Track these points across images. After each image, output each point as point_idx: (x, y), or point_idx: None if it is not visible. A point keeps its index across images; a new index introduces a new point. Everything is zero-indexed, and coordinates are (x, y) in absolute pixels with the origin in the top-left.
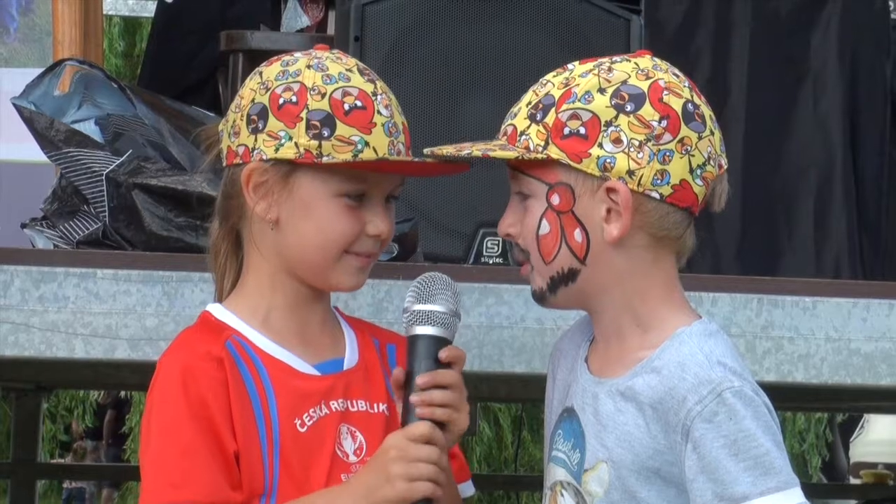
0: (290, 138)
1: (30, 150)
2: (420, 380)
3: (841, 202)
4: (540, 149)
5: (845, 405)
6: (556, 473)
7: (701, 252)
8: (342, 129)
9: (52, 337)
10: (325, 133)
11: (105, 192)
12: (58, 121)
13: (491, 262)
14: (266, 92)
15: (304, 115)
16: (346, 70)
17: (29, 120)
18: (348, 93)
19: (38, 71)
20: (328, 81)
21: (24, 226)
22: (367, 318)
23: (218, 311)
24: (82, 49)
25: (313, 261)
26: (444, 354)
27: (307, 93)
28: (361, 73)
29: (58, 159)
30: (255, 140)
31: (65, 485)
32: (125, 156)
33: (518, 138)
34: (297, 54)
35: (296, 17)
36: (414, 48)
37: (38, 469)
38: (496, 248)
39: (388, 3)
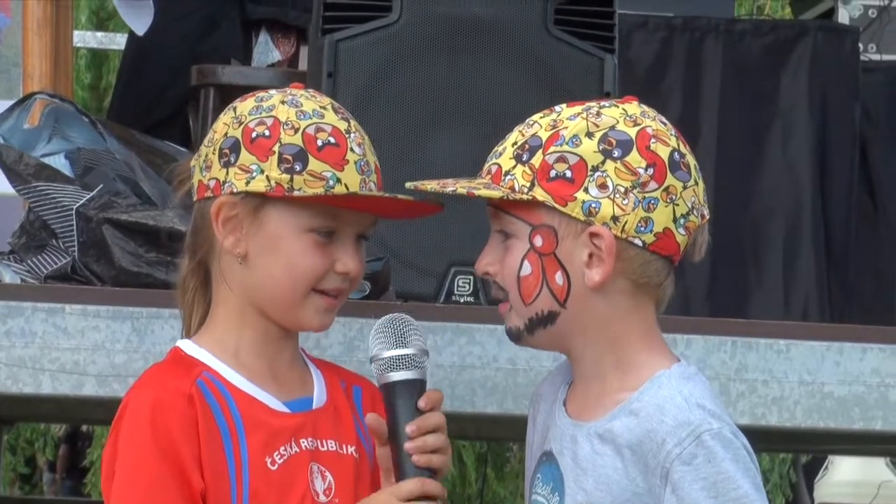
0: (262, 171)
1: None
2: (409, 428)
3: (809, 243)
4: (525, 189)
5: (817, 447)
6: None
7: (672, 295)
8: (314, 164)
9: (18, 372)
10: (298, 167)
11: (75, 227)
12: (27, 154)
13: (462, 300)
14: (239, 126)
15: (276, 148)
16: (321, 107)
17: None
18: (322, 129)
19: (5, 103)
20: (302, 117)
21: None
22: (339, 357)
23: (189, 346)
24: (52, 82)
25: (280, 297)
26: (422, 403)
27: (280, 127)
28: (336, 111)
29: (27, 193)
30: (227, 173)
31: None
32: (95, 190)
33: (503, 178)
34: (272, 91)
35: (267, 52)
36: (387, 84)
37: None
38: (468, 286)
39: (362, 39)
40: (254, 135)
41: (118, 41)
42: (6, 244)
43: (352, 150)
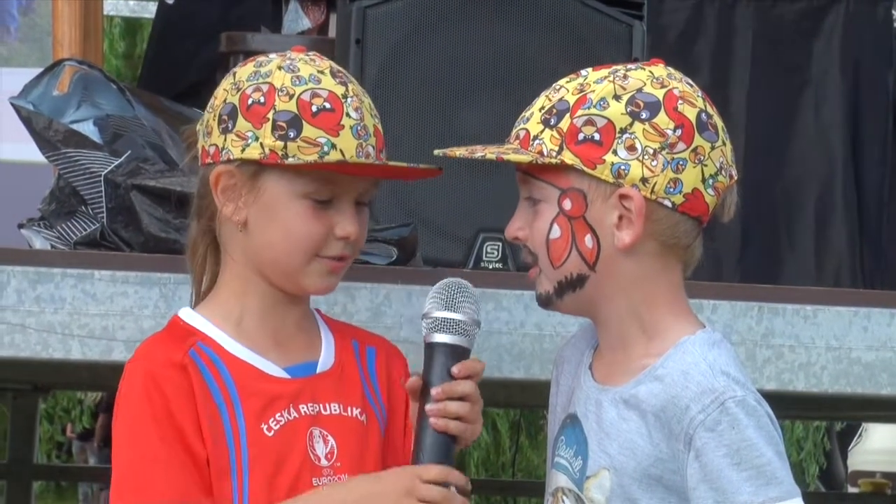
0: (257, 139)
1: (28, 151)
2: (435, 391)
3: (842, 211)
4: (554, 153)
5: (845, 414)
6: (557, 479)
7: (702, 259)
8: (308, 130)
9: (48, 338)
10: (291, 134)
11: (103, 193)
12: (56, 121)
13: (490, 266)
14: (237, 92)
15: (270, 115)
16: (318, 72)
17: (27, 120)
18: (317, 94)
19: (39, 70)
20: (297, 83)
21: (21, 226)
22: (366, 322)
23: (188, 315)
24: (82, 49)
25: (282, 264)
26: (455, 369)
27: (275, 93)
28: (334, 75)
29: (56, 160)
30: (225, 140)
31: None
32: (124, 157)
33: (531, 142)
34: (273, 55)
35: (297, 20)
36: (415, 51)
37: (35, 470)
38: (496, 252)
39: (390, 5)
40: (250, 101)
41: (151, 9)
42: (36, 210)
43: (348, 114)
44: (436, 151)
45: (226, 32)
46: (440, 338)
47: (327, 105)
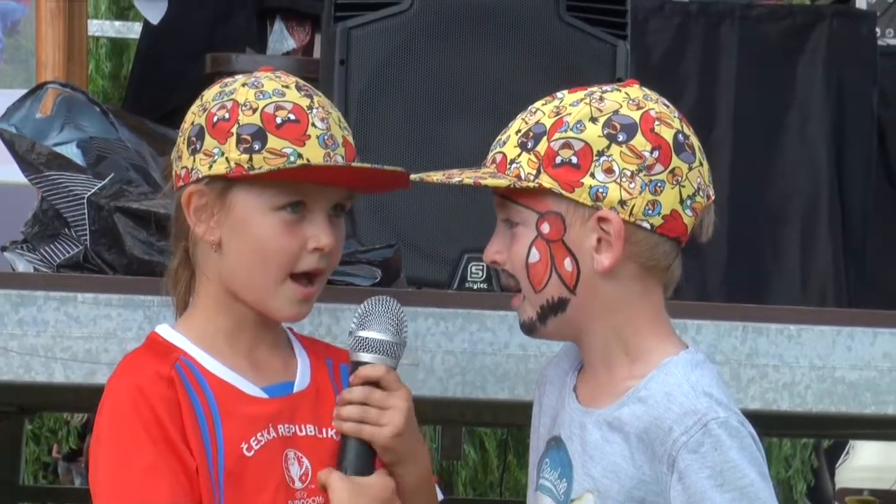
0: (223, 154)
1: (11, 172)
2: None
3: (826, 230)
4: (531, 177)
5: (831, 432)
6: (542, 502)
7: (687, 278)
8: (273, 141)
9: (31, 361)
10: (256, 146)
11: (86, 216)
12: (39, 144)
13: (475, 287)
14: (203, 113)
15: (234, 129)
16: (283, 87)
17: (10, 143)
18: (281, 107)
19: (24, 91)
20: (261, 97)
21: (4, 249)
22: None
23: (166, 332)
24: (66, 71)
25: (255, 282)
26: (351, 379)
27: (238, 108)
28: (299, 89)
29: (39, 182)
30: (194, 160)
31: None
32: (107, 179)
33: (508, 166)
34: (239, 76)
35: (282, 40)
36: (399, 71)
37: (21, 491)
38: (481, 273)
39: (374, 26)
40: (215, 119)
41: (137, 30)
42: (19, 233)
43: (313, 124)
44: (412, 177)
45: (211, 54)
46: (361, 357)
47: (292, 116)
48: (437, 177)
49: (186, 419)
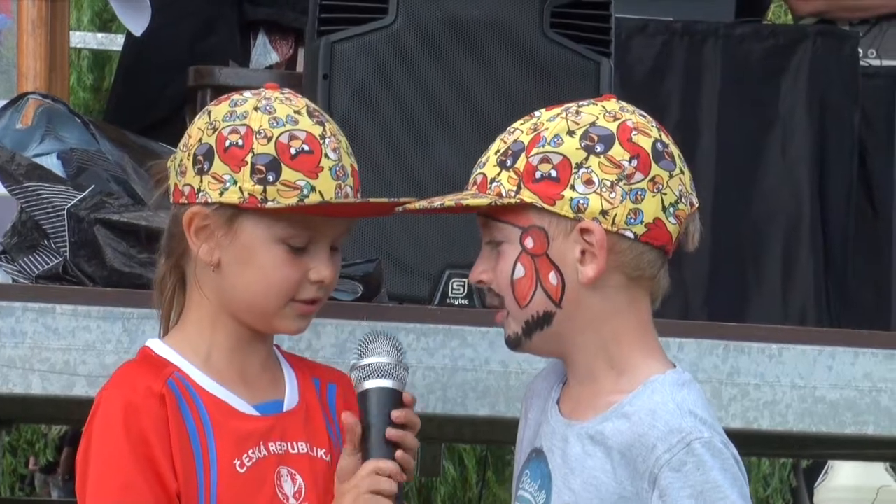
0: (235, 182)
1: None
2: (389, 433)
3: (808, 249)
4: (512, 194)
5: (811, 452)
6: None
7: (669, 296)
8: (287, 173)
9: (8, 373)
10: (271, 178)
11: (66, 227)
12: (19, 154)
13: (457, 303)
14: (213, 132)
15: (249, 159)
16: (295, 112)
17: None
18: (295, 136)
19: (4, 102)
20: (275, 125)
21: None
22: (331, 359)
23: (158, 346)
24: (47, 83)
25: (258, 306)
26: (396, 414)
27: (253, 136)
28: (311, 114)
29: (18, 193)
30: (201, 181)
31: None
32: (87, 191)
33: (489, 185)
34: (247, 94)
35: (265, 54)
36: (382, 87)
37: None
38: (462, 289)
39: (358, 41)
40: (227, 143)
41: (119, 42)
42: None
43: (326, 156)
44: (396, 209)
45: (194, 66)
46: (369, 384)
47: (306, 147)
48: (419, 204)
49: (175, 437)
